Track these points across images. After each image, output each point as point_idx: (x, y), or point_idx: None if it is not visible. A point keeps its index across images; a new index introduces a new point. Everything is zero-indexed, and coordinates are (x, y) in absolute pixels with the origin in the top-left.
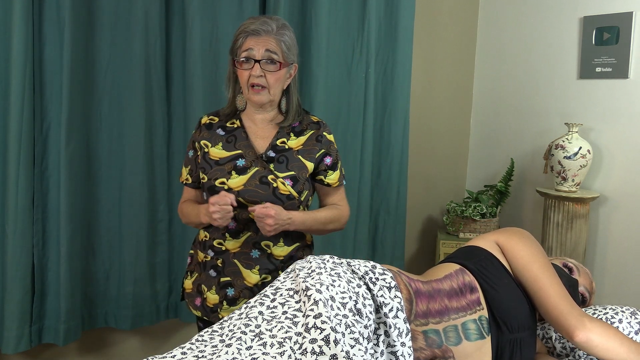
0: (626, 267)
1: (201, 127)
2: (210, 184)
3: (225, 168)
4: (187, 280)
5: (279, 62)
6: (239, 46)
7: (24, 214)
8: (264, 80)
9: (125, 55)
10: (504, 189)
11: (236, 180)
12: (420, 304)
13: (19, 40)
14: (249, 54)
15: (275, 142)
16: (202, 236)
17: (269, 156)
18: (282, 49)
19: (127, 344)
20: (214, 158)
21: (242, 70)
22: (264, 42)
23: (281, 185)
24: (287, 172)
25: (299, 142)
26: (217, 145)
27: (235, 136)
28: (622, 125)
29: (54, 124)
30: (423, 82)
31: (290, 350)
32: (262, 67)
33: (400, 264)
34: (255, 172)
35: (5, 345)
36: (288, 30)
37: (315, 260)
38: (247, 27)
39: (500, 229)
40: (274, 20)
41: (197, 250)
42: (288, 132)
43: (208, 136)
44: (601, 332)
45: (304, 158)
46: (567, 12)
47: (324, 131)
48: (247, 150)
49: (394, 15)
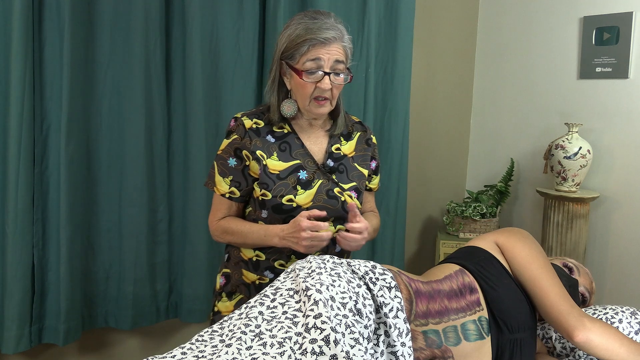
0: (626, 267)
1: (247, 132)
2: (275, 202)
3: (289, 182)
4: (225, 303)
5: (346, 72)
6: (302, 53)
7: (24, 214)
8: (329, 93)
9: (125, 55)
10: (504, 189)
11: (304, 196)
12: (420, 304)
13: (19, 40)
14: (317, 64)
15: (330, 149)
16: (250, 255)
17: (329, 166)
18: (347, 55)
19: (127, 344)
20: (274, 172)
21: (306, 82)
22: (334, 52)
23: (348, 199)
24: (350, 183)
25: (350, 146)
26: (272, 156)
27: (289, 143)
28: (622, 125)
29: (54, 124)
30: (423, 82)
31: (290, 351)
32: (331, 79)
33: (400, 264)
34: (321, 185)
35: (5, 345)
36: (347, 31)
37: (316, 260)
38: (315, 34)
39: (500, 229)
40: (336, 20)
41: (239, 270)
42: (338, 136)
43: (261, 145)
44: (601, 332)
45: (360, 166)
46: (567, 12)
47: (371, 134)
48: (305, 160)
49: (394, 15)
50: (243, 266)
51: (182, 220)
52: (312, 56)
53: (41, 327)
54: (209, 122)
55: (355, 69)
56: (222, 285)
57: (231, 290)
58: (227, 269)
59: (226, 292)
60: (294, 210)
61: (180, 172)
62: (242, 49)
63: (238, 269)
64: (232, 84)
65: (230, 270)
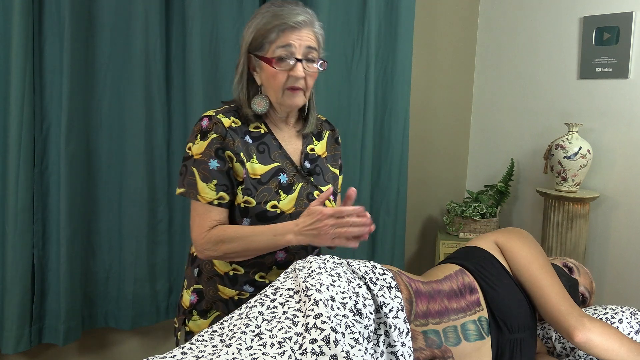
0: (626, 267)
1: (228, 131)
2: (260, 209)
3: (271, 187)
4: (197, 322)
5: (320, 60)
6: (271, 40)
7: (24, 214)
8: (302, 83)
9: (125, 55)
10: (504, 189)
11: (286, 202)
12: (420, 305)
13: (19, 40)
14: (288, 51)
15: (306, 150)
16: (226, 269)
17: (307, 168)
18: (319, 42)
19: (127, 344)
20: (255, 177)
21: (277, 71)
22: (305, 37)
23: (327, 202)
24: (326, 185)
25: (322, 146)
26: (252, 159)
27: (267, 144)
28: (622, 125)
29: (54, 124)
30: (423, 82)
31: (290, 351)
32: (304, 67)
33: (400, 264)
34: (301, 189)
35: (5, 345)
36: (318, 19)
37: (316, 260)
38: (284, 19)
39: (500, 229)
40: (302, 7)
41: (214, 285)
42: (310, 135)
43: (242, 146)
44: (601, 332)
45: (332, 166)
46: (567, 12)
47: (338, 133)
48: (284, 162)
49: (394, 15)
50: (218, 281)
51: (182, 220)
52: (282, 42)
53: (41, 327)
54: None
55: (355, 68)
56: (192, 303)
57: (205, 308)
58: (199, 285)
59: (198, 310)
60: (277, 217)
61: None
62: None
63: (212, 284)
64: (232, 84)
65: (202, 286)
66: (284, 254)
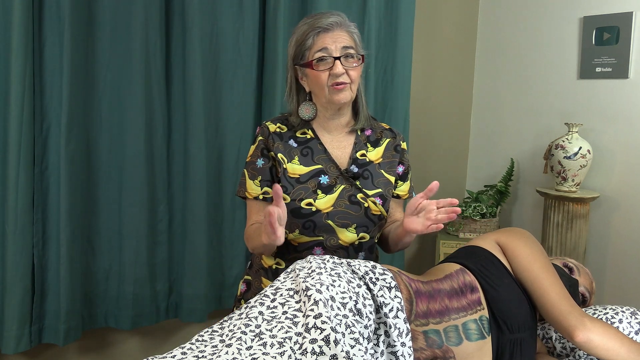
0: (626, 267)
1: (271, 134)
2: (294, 205)
3: (309, 186)
4: None
5: (358, 55)
6: (309, 47)
7: (24, 214)
8: (346, 77)
9: (125, 55)
10: (504, 189)
11: (324, 201)
12: (421, 304)
13: (19, 40)
14: (325, 52)
15: (355, 155)
16: (270, 263)
17: (353, 172)
18: (356, 41)
19: (127, 344)
20: (294, 176)
21: (319, 72)
22: (339, 38)
23: (372, 205)
24: (375, 190)
25: (377, 153)
26: (293, 160)
27: (311, 148)
28: (622, 125)
29: (54, 124)
30: (423, 82)
31: (291, 351)
32: (342, 63)
33: (400, 264)
34: (343, 191)
35: (5, 345)
36: (350, 21)
37: (316, 261)
38: (316, 24)
39: (501, 229)
40: (334, 14)
41: (259, 278)
42: (365, 142)
43: (282, 148)
44: (601, 332)
45: (386, 172)
46: (567, 12)
47: (401, 140)
48: (327, 165)
49: (394, 15)
50: (263, 274)
51: (182, 220)
52: (319, 46)
53: (41, 327)
54: (209, 122)
55: None
56: (242, 292)
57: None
58: (249, 276)
59: (246, 299)
60: (313, 215)
61: (180, 172)
62: (242, 49)
63: (258, 276)
64: (232, 84)
65: (251, 277)
66: (322, 250)
